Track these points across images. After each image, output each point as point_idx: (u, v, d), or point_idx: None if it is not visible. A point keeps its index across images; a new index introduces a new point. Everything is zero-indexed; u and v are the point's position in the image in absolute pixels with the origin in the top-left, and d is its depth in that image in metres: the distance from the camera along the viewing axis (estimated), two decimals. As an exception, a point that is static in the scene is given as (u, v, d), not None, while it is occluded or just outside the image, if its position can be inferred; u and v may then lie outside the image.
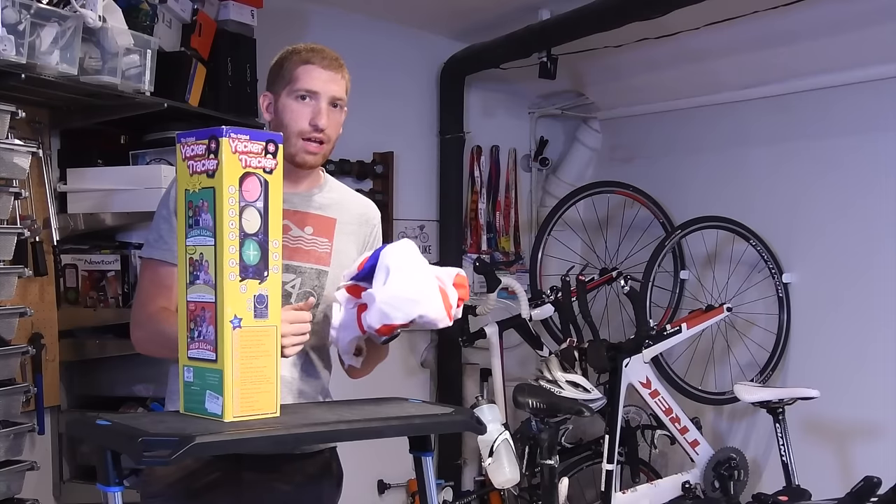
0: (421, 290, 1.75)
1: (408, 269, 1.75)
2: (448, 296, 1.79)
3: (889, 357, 3.46)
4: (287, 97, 1.96)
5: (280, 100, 1.97)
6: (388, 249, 1.79)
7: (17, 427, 2.59)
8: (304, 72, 1.95)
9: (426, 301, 1.75)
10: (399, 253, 1.78)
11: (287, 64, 1.97)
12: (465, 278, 1.86)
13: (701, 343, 3.95)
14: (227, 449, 1.65)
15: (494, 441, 3.18)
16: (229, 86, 3.26)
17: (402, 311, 1.74)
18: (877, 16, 3.27)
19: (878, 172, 3.53)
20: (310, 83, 1.94)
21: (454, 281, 1.82)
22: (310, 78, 1.94)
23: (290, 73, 1.96)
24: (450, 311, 1.79)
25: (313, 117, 1.94)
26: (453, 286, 1.81)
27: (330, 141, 1.98)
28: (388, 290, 1.73)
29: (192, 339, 1.57)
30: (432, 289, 1.76)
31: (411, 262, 1.77)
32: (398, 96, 4.33)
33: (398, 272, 1.74)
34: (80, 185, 3.00)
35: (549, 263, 4.28)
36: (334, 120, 1.97)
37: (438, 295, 1.77)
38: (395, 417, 1.68)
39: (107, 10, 2.59)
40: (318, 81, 1.94)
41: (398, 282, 1.74)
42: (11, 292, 2.50)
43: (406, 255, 1.78)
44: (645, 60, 4.01)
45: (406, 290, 1.74)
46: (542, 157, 4.78)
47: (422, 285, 1.75)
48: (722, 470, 3.61)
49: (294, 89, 1.95)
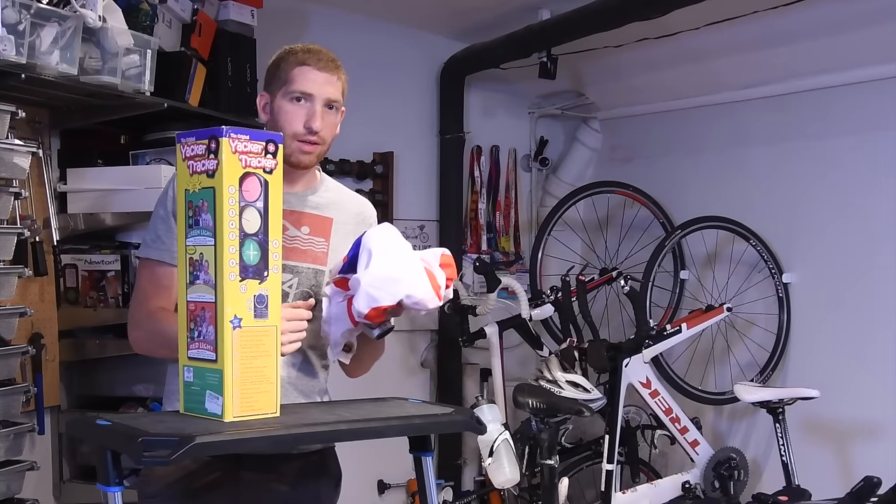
0: (405, 269, 1.74)
1: (390, 251, 1.75)
2: (435, 276, 1.79)
3: (889, 357, 3.46)
4: (282, 98, 1.96)
5: (276, 101, 1.97)
6: (368, 234, 1.79)
7: (17, 427, 2.59)
8: (300, 73, 1.94)
9: (411, 280, 1.74)
10: (380, 237, 1.78)
11: (283, 65, 1.97)
12: (451, 257, 1.86)
13: (701, 343, 3.94)
14: (227, 449, 1.65)
15: (494, 441, 3.18)
16: (229, 86, 3.26)
17: (387, 292, 1.73)
18: (877, 16, 3.27)
19: (878, 172, 3.53)
20: (305, 85, 1.94)
21: (440, 261, 1.82)
22: (305, 80, 1.94)
23: (285, 75, 1.96)
24: (438, 292, 1.79)
25: (308, 119, 1.93)
26: (440, 267, 1.81)
27: (325, 142, 1.98)
28: (371, 273, 1.73)
29: (192, 339, 1.57)
30: (417, 268, 1.76)
31: (392, 244, 1.77)
32: (398, 96, 4.32)
33: (380, 255, 1.74)
34: (80, 185, 3.00)
35: (549, 263, 4.28)
36: (329, 122, 1.97)
37: (424, 274, 1.76)
38: (395, 417, 1.68)
39: (107, 10, 2.59)
40: (313, 83, 1.94)
41: (381, 264, 1.74)
42: (11, 292, 2.50)
43: (387, 238, 1.78)
44: (645, 60, 4.01)
45: (389, 271, 1.73)
46: (542, 157, 4.78)
47: (405, 265, 1.75)
48: (722, 470, 3.61)
49: (289, 91, 1.95)
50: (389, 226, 1.83)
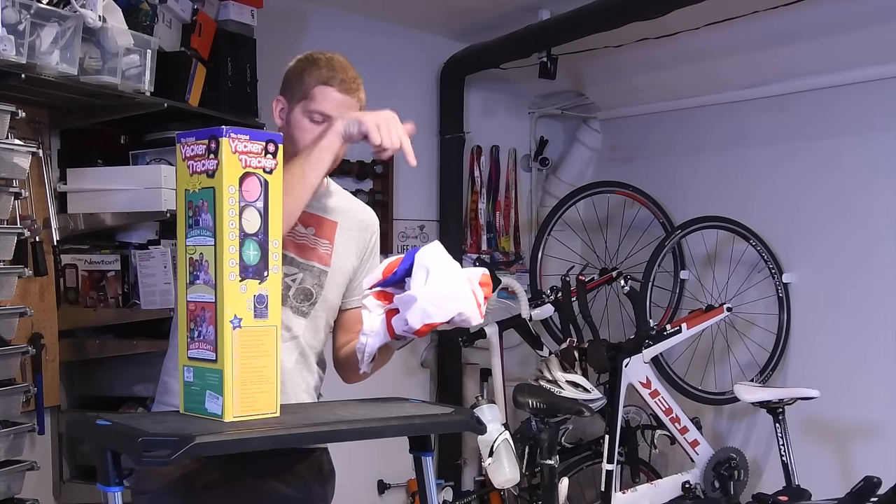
0: (459, 288, 1.78)
1: (445, 270, 1.77)
2: (477, 294, 1.82)
3: (889, 357, 3.46)
4: (301, 114, 1.95)
5: (293, 113, 1.96)
6: (423, 252, 1.80)
7: (17, 427, 2.59)
8: (321, 93, 1.93)
9: (465, 299, 1.78)
10: (434, 255, 1.80)
11: (306, 77, 1.95)
12: (489, 277, 1.89)
13: (701, 343, 3.95)
14: (228, 449, 1.65)
15: (494, 441, 3.18)
16: (229, 86, 3.26)
17: (443, 310, 1.75)
18: (877, 16, 3.27)
19: (878, 172, 3.53)
20: (324, 106, 1.93)
21: (480, 280, 1.85)
22: (326, 100, 1.93)
23: (307, 89, 1.94)
24: (480, 309, 1.82)
25: None
26: (479, 285, 1.84)
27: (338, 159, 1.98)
28: (430, 290, 1.75)
29: (192, 339, 1.57)
30: (468, 288, 1.79)
31: (446, 263, 1.79)
32: (398, 96, 4.29)
33: (438, 273, 1.76)
34: (80, 185, 3.00)
35: (549, 263, 4.28)
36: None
37: (471, 293, 1.79)
38: (395, 417, 1.68)
39: (107, 10, 2.59)
40: (333, 105, 1.93)
41: (439, 281, 1.76)
42: (11, 292, 2.50)
43: (441, 257, 1.80)
44: (645, 60, 4.01)
45: (447, 289, 1.76)
46: (542, 157, 4.78)
47: (459, 284, 1.78)
48: (722, 470, 3.61)
49: (308, 109, 1.94)
50: (439, 245, 1.84)
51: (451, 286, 1.77)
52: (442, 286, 1.75)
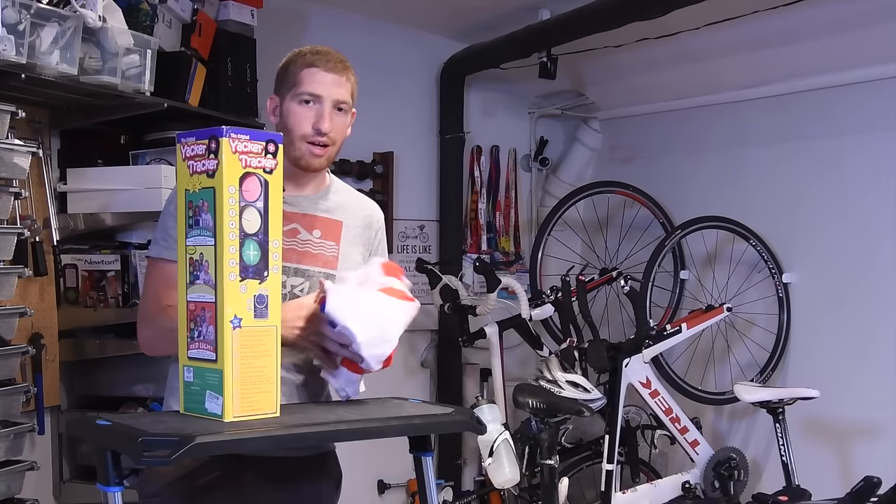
0: (382, 316, 1.77)
1: (357, 312, 1.75)
2: (395, 288, 1.82)
3: (889, 357, 3.46)
4: (291, 101, 1.96)
5: (285, 103, 1.97)
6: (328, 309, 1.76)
7: (17, 427, 2.59)
8: (308, 75, 1.94)
9: (392, 317, 1.78)
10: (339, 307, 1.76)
11: (292, 67, 1.97)
12: (390, 263, 1.90)
13: (701, 343, 3.95)
14: (227, 449, 1.65)
15: (494, 441, 3.18)
16: (229, 86, 3.26)
17: (387, 342, 1.78)
18: (877, 16, 3.27)
19: (878, 172, 3.53)
20: (313, 87, 1.94)
21: (385, 273, 1.84)
22: (313, 81, 1.94)
23: (294, 77, 1.96)
24: (406, 296, 1.82)
25: (317, 121, 1.94)
26: (387, 276, 1.83)
27: (335, 144, 1.99)
28: (363, 340, 1.75)
29: (192, 339, 1.57)
30: (385, 303, 1.79)
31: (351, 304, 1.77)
32: (398, 96, 4.32)
33: (354, 323, 1.74)
34: (80, 185, 3.01)
35: (549, 263, 4.28)
36: (339, 123, 1.97)
37: (391, 300, 1.79)
38: (395, 417, 1.68)
39: (107, 10, 2.59)
40: (321, 85, 1.94)
41: (363, 328, 1.75)
42: (11, 292, 2.51)
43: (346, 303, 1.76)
44: (645, 60, 4.01)
45: (375, 330, 1.76)
46: (542, 157, 4.78)
47: (379, 312, 1.77)
48: (722, 470, 3.61)
49: (298, 93, 1.95)
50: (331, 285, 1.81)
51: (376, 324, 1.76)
52: (369, 330, 1.75)
